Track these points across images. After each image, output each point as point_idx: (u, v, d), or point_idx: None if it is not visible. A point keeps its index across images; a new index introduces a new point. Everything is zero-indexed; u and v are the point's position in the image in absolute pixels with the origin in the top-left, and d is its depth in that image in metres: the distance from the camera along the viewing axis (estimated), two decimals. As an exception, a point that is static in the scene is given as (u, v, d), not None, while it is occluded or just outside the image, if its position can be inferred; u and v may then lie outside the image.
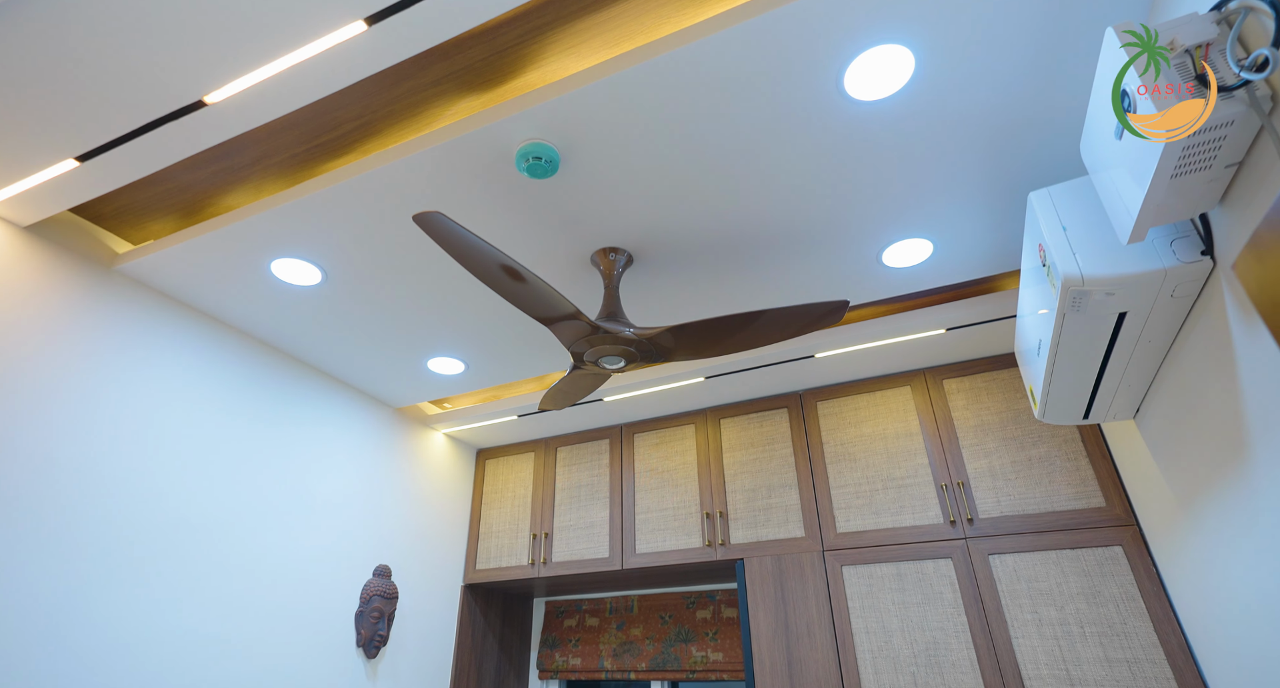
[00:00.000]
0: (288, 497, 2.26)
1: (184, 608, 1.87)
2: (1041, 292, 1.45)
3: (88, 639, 1.66)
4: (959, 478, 2.24)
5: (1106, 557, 1.95)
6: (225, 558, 2.01)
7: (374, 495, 2.60)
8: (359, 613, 2.38)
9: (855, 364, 2.48)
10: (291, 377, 2.40)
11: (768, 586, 2.38)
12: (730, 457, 2.69)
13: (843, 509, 2.39)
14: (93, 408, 1.79)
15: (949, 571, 2.14)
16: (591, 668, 3.00)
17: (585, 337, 1.71)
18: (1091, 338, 1.41)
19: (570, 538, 2.83)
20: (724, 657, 2.78)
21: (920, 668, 2.05)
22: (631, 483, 2.83)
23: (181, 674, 1.83)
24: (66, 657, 1.61)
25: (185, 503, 1.95)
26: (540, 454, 3.11)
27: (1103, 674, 1.83)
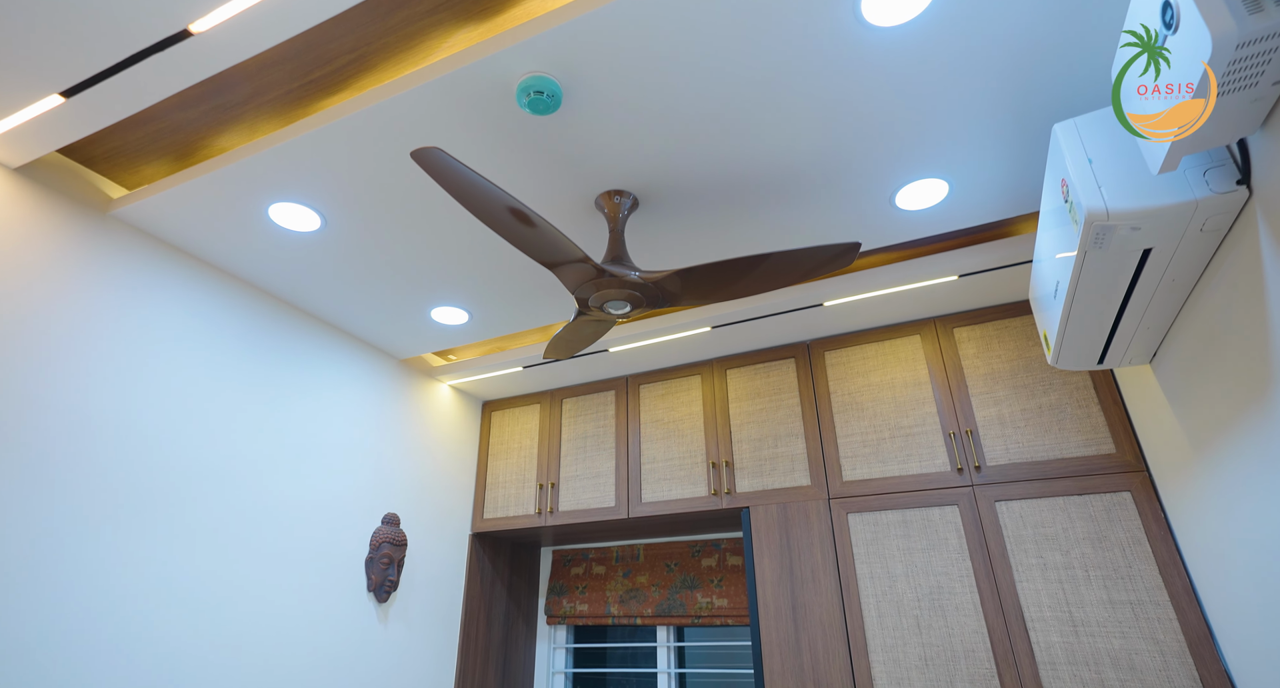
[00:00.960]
0: (293, 445, 2.26)
1: (193, 551, 1.90)
2: (1062, 231, 1.40)
3: (91, 582, 1.68)
4: (967, 426, 2.23)
5: (1114, 502, 1.94)
6: (232, 504, 2.03)
7: (380, 445, 2.61)
8: (369, 559, 2.42)
9: (864, 313, 2.44)
10: (293, 326, 2.38)
11: (773, 533, 2.40)
12: (736, 407, 2.68)
13: (849, 458, 2.39)
14: (91, 353, 1.78)
15: (955, 517, 2.14)
16: (598, 614, 3.06)
17: (590, 280, 1.68)
18: (1113, 277, 1.36)
19: (577, 488, 2.85)
20: (729, 603, 2.83)
21: (924, 611, 2.08)
22: (637, 434, 2.83)
23: (194, 617, 1.87)
24: (69, 601, 1.63)
25: (188, 448, 1.96)
26: (546, 406, 3.11)
27: (1105, 616, 1.85)
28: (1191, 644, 1.73)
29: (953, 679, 1.97)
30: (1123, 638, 1.81)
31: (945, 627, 2.03)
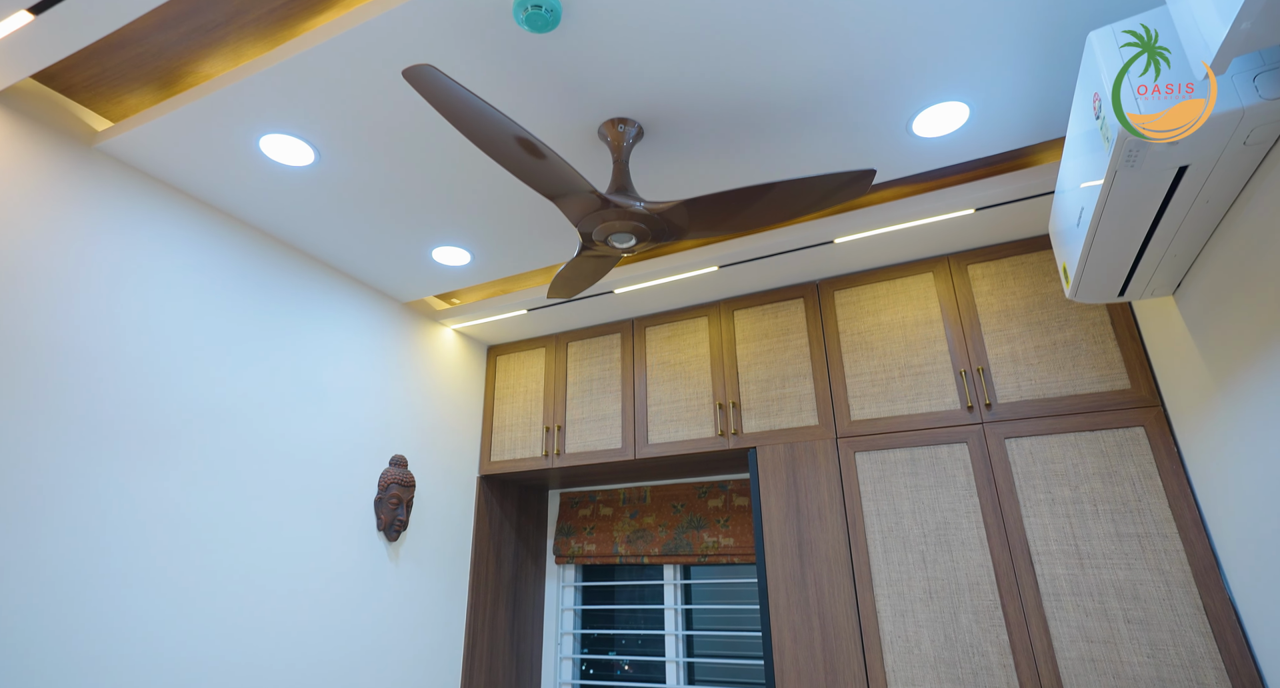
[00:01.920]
0: (296, 385, 2.25)
1: (199, 489, 1.91)
2: (1091, 154, 1.33)
3: (95, 517, 1.69)
4: (979, 364, 2.19)
5: (1127, 438, 1.92)
6: (236, 442, 2.03)
7: (386, 389, 2.60)
8: (378, 500, 2.44)
9: (876, 251, 2.38)
10: (292, 267, 2.33)
11: (779, 472, 2.40)
12: (744, 348, 2.65)
13: (857, 397, 2.37)
14: (84, 290, 1.75)
15: (963, 455, 2.13)
16: (606, 553, 3.11)
17: (594, 212, 1.62)
18: (1143, 200, 1.30)
19: (583, 430, 2.85)
20: (735, 542, 2.86)
21: (929, 546, 2.09)
22: (644, 376, 2.81)
23: (202, 554, 1.89)
24: (72, 535, 1.65)
25: (189, 386, 1.94)
26: (551, 350, 3.08)
27: (1111, 548, 1.86)
28: (1197, 574, 1.74)
29: (956, 612, 1.99)
30: (1128, 569, 1.82)
31: (950, 561, 2.05)
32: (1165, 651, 1.73)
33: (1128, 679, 1.75)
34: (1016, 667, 1.87)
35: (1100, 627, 1.81)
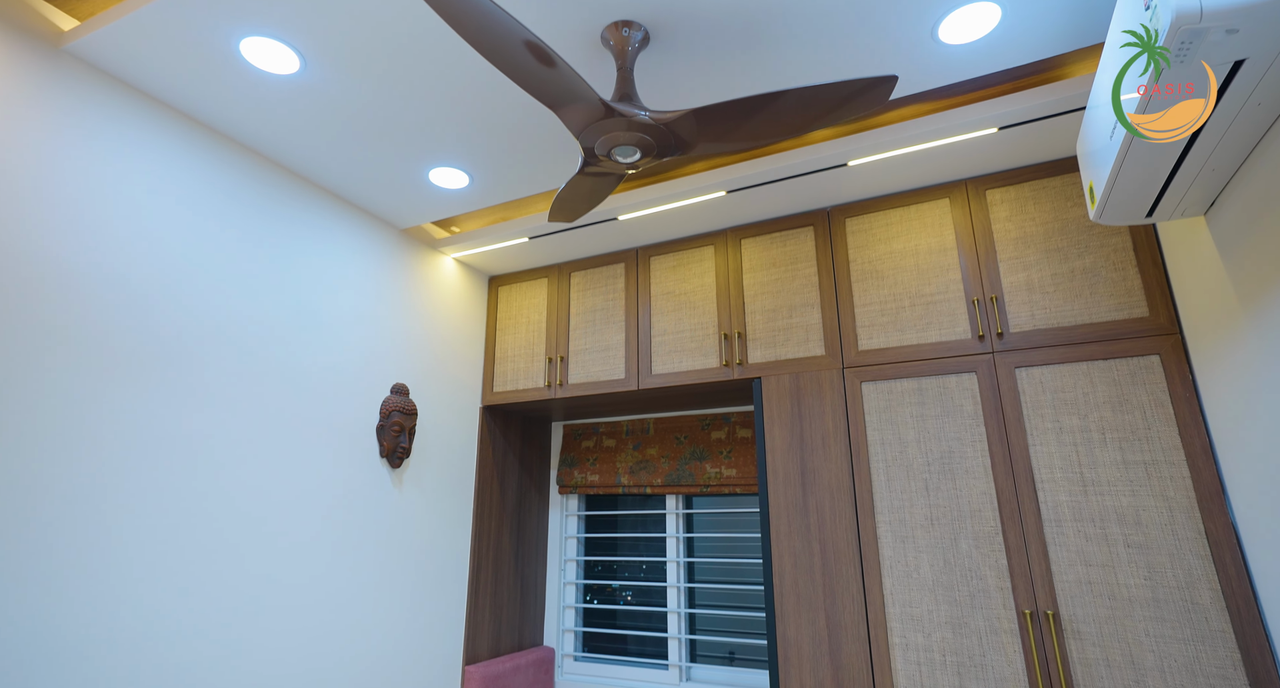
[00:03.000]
0: (291, 311, 2.21)
1: (197, 411, 1.89)
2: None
3: (90, 438, 1.68)
4: (992, 293, 2.13)
5: (1141, 366, 1.88)
6: (233, 365, 2.00)
7: (385, 317, 2.56)
8: (380, 427, 2.44)
9: (891, 175, 2.28)
10: (282, 188, 2.24)
11: (784, 402, 2.38)
12: (750, 277, 2.58)
13: (866, 327, 2.32)
14: (56, 202, 1.68)
15: (972, 384, 2.10)
16: (609, 484, 3.15)
17: (598, 121, 1.52)
18: (1186, 104, 1.20)
19: (586, 361, 2.82)
20: (737, 472, 2.88)
21: (933, 475, 2.09)
22: (648, 306, 2.76)
23: (202, 477, 1.89)
24: (67, 456, 1.64)
25: (182, 307, 1.90)
26: (554, 280, 3.02)
27: (1117, 475, 1.85)
28: (1202, 500, 1.73)
29: (956, 537, 2.01)
30: (1132, 496, 1.82)
31: (954, 489, 2.05)
32: (1162, 573, 1.75)
33: (1123, 601, 1.77)
34: (1014, 589, 1.90)
35: (1099, 551, 1.82)
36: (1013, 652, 1.87)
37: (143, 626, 1.68)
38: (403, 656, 2.41)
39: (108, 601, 1.62)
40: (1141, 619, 1.74)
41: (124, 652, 1.63)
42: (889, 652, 2.01)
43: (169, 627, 1.73)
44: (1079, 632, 1.80)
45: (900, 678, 1.98)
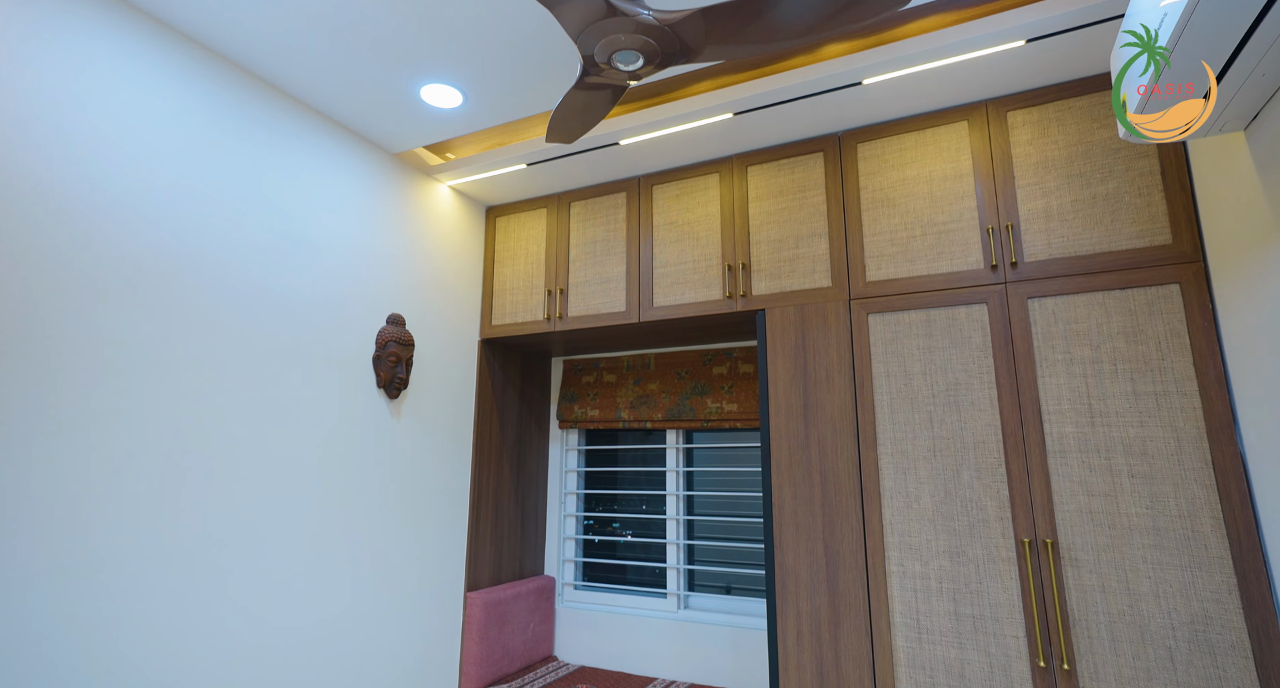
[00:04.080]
0: (279, 236, 2.13)
1: (190, 336, 1.85)
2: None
3: (79, 356, 1.64)
4: (1008, 221, 2.05)
5: (1159, 295, 1.82)
6: (225, 291, 1.94)
7: (380, 245, 2.48)
8: (376, 357, 2.40)
9: (907, 96, 2.15)
10: (269, 107, 2.13)
11: (788, 334, 2.33)
12: (756, 206, 2.49)
13: (874, 258, 2.25)
14: (31, 117, 1.58)
15: (981, 315, 2.05)
16: (609, 419, 3.14)
17: (597, 21, 1.41)
18: None
19: (586, 293, 2.76)
20: (738, 407, 2.86)
21: (937, 407, 2.06)
22: (649, 237, 2.68)
23: (195, 401, 1.86)
24: (55, 372, 1.60)
25: (170, 230, 1.83)
26: (553, 210, 2.93)
27: (1126, 407, 1.82)
28: (1211, 430, 1.71)
29: (959, 468, 2.00)
30: (1140, 426, 1.79)
31: (958, 421, 2.02)
32: (1165, 502, 1.74)
33: (1122, 530, 1.77)
34: (1013, 519, 1.90)
35: (1103, 481, 1.81)
36: (1009, 579, 1.88)
37: (125, 553, 1.68)
38: (404, 582, 2.45)
39: (88, 524, 1.61)
40: (1140, 547, 1.75)
41: (106, 574, 1.64)
42: (886, 580, 2.03)
43: (155, 555, 1.74)
44: (1076, 559, 1.81)
45: (896, 604, 2.01)
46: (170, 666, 1.71)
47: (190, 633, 1.76)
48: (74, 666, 1.52)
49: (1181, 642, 1.67)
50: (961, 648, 1.90)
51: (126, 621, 1.63)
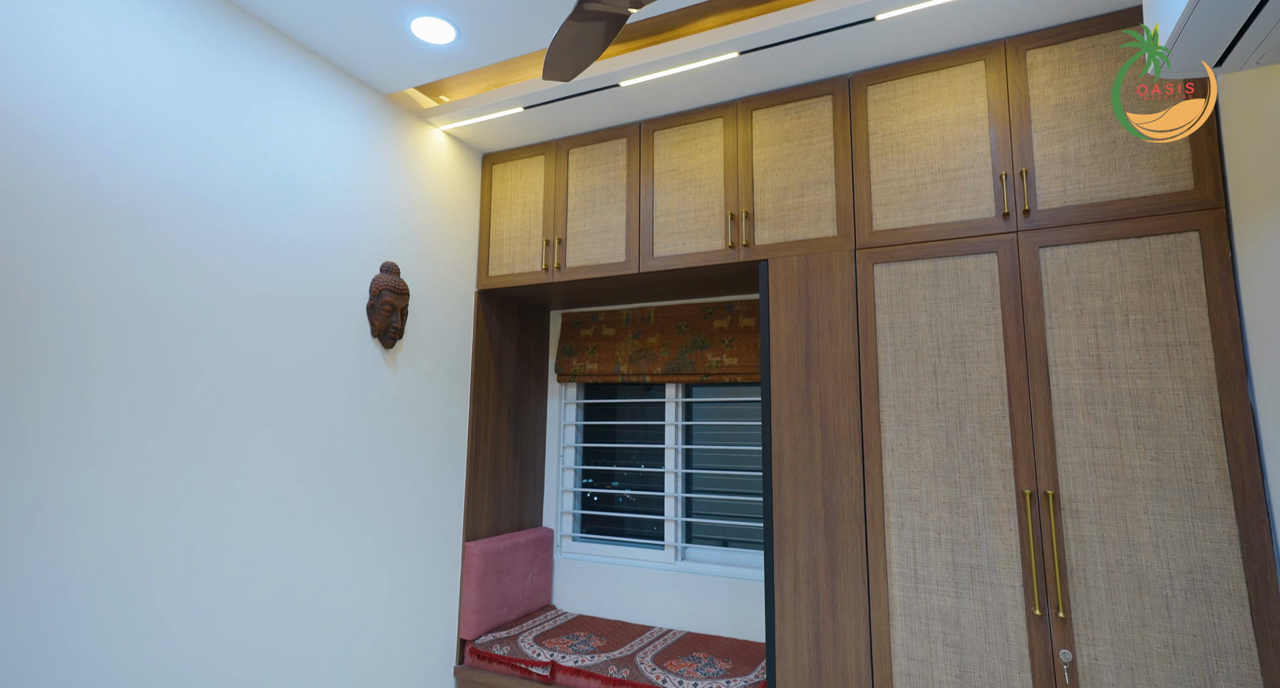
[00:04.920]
0: (271, 179, 2.05)
1: (177, 275, 1.79)
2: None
3: (62, 296, 1.59)
4: (1022, 167, 1.98)
5: (1176, 244, 1.77)
6: (213, 232, 1.88)
7: (372, 191, 2.40)
8: (370, 306, 2.35)
9: (923, 33, 2.05)
10: (252, 38, 2.02)
11: (791, 285, 2.28)
12: (761, 153, 2.41)
13: (882, 206, 2.18)
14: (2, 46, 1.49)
15: (991, 266, 1.99)
16: (608, 372, 3.11)
17: (598, -62, 1.32)
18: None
19: (585, 243, 2.69)
20: (739, 361, 2.83)
21: (942, 358, 2.03)
22: (650, 185, 2.60)
23: (185, 343, 1.82)
24: (16, 323, 1.55)
25: (134, 165, 1.75)
26: (551, 157, 2.83)
27: (1135, 358, 1.78)
28: (1222, 381, 1.68)
29: (961, 421, 1.97)
30: (1149, 378, 1.76)
31: (963, 373, 1.99)
32: (1170, 454, 1.72)
33: (1125, 481, 1.76)
34: (1015, 471, 1.89)
35: (1108, 433, 1.79)
36: (1008, 530, 1.88)
37: (114, 497, 1.66)
38: (403, 531, 2.45)
39: (73, 467, 1.59)
40: (1142, 498, 1.74)
41: (93, 517, 1.63)
42: (884, 531, 2.03)
43: (142, 500, 1.72)
44: (1077, 511, 1.80)
45: (894, 554, 2.01)
46: (167, 608, 1.71)
47: (183, 576, 1.76)
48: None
49: (1178, 591, 1.68)
50: (958, 597, 1.91)
51: (122, 565, 1.62)
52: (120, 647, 1.61)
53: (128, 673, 1.62)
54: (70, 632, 1.51)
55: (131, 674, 1.62)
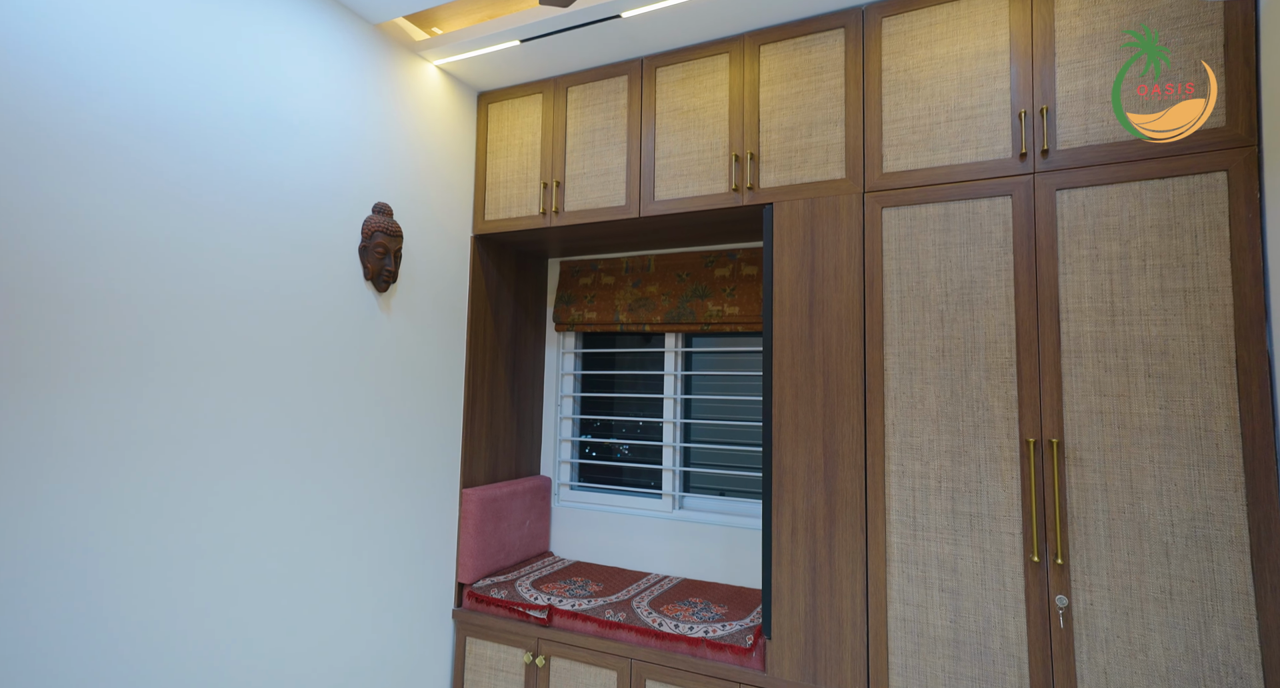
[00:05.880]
0: (252, 109, 1.95)
1: (160, 208, 1.72)
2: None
3: (44, 234, 1.52)
4: (1043, 104, 1.89)
5: (1202, 185, 1.69)
6: (189, 166, 1.79)
7: (362, 128, 2.30)
8: (362, 248, 2.28)
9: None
10: (228, -43, 1.89)
11: (796, 230, 2.21)
12: (768, 90, 2.30)
13: (893, 147, 2.09)
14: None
15: (1004, 209, 1.92)
16: (607, 321, 3.06)
17: None
18: None
19: (584, 186, 2.60)
20: (740, 310, 2.78)
21: (949, 306, 1.97)
22: (652, 126, 2.49)
23: (173, 283, 1.76)
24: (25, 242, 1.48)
25: (110, 91, 1.66)
26: (549, 96, 2.72)
27: (1151, 304, 1.73)
28: (1240, 328, 1.63)
29: (967, 369, 1.93)
30: (1164, 325, 1.71)
31: (970, 320, 1.94)
32: (1180, 402, 1.68)
33: (1133, 429, 1.73)
34: (1020, 420, 1.86)
35: (1117, 381, 1.75)
36: (1010, 478, 1.86)
37: (100, 442, 1.63)
38: (397, 476, 2.44)
39: (65, 409, 1.55)
40: (1149, 446, 1.71)
41: (78, 456, 1.60)
42: (884, 479, 2.01)
43: (129, 446, 1.69)
44: (1081, 459, 1.78)
45: (893, 502, 2.00)
46: (157, 554, 1.70)
47: (176, 525, 1.74)
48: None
49: (1179, 538, 1.67)
50: (956, 544, 1.91)
51: (105, 507, 1.60)
52: (110, 585, 1.60)
53: (119, 621, 1.61)
54: (64, 563, 1.50)
55: (121, 621, 1.62)
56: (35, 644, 1.46)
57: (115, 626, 1.59)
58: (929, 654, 1.92)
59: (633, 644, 2.32)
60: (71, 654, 1.51)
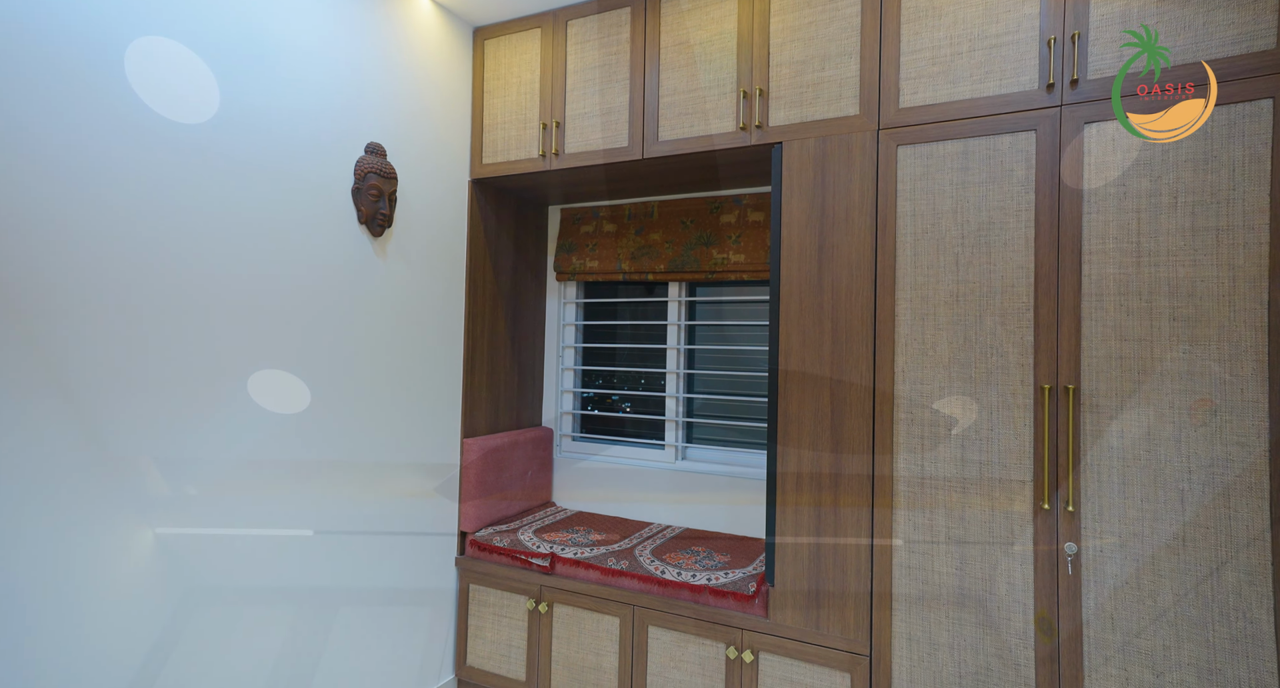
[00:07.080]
0: (234, 36, 1.84)
1: (115, 141, 1.63)
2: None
3: (29, 180, 1.44)
4: (1075, 29, 1.76)
5: (1244, 114, 1.59)
6: (168, 96, 1.70)
7: (352, 62, 2.19)
8: (355, 190, 2.19)
9: None
10: None
11: (806, 171, 2.11)
12: (779, 21, 2.17)
13: (911, 80, 1.97)
14: None
15: (1028, 145, 1.82)
16: (609, 270, 2.98)
17: None
18: None
19: (585, 127, 2.49)
20: (745, 258, 2.70)
21: (965, 248, 1.89)
22: (656, 61, 2.37)
23: (154, 220, 1.69)
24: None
25: (86, 28, 1.55)
26: (548, 31, 2.58)
27: (1180, 244, 1.65)
28: (1275, 267, 1.55)
29: (982, 314, 1.87)
30: (1193, 266, 1.63)
31: (987, 263, 1.86)
32: (1206, 345, 1.62)
33: (1154, 375, 1.67)
34: (1035, 366, 1.79)
35: (1140, 325, 1.68)
36: (1022, 425, 1.81)
37: (96, 379, 1.59)
38: (399, 425, 2.41)
39: (64, 341, 1.50)
40: (1169, 392, 1.65)
41: (71, 402, 1.56)
42: (893, 426, 1.97)
43: (126, 383, 1.64)
44: (1097, 405, 1.73)
45: (900, 449, 1.96)
46: (151, 503, 1.68)
47: (175, 459, 1.71)
48: (54, 487, 1.47)
49: (1196, 484, 1.62)
50: (964, 492, 1.87)
51: (103, 452, 1.57)
52: (100, 522, 1.58)
53: (114, 536, 1.60)
54: (60, 501, 1.48)
55: (117, 543, 1.61)
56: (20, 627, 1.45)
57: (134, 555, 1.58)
58: (933, 601, 1.90)
59: (635, 592, 2.33)
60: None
